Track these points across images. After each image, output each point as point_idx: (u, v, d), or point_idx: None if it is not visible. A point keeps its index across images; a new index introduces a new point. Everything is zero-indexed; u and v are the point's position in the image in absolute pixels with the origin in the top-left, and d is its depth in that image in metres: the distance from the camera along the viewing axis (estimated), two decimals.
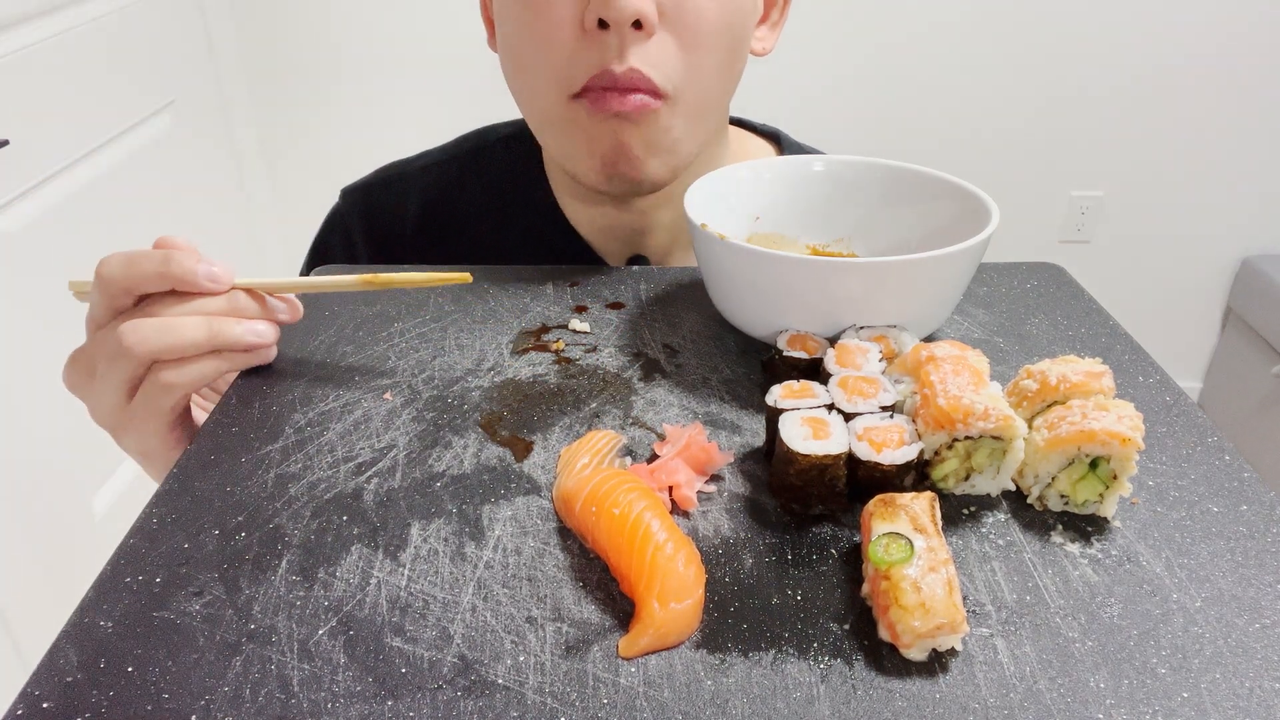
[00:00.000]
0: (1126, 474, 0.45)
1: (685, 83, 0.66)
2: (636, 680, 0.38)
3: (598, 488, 0.45)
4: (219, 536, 0.46)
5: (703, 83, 0.68)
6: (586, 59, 0.65)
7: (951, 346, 0.51)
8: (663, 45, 0.65)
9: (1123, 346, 0.62)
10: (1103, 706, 0.37)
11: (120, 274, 0.56)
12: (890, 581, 0.39)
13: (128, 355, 0.55)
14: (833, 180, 0.69)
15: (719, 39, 0.67)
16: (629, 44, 0.63)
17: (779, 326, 0.58)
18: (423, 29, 2.17)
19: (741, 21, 0.69)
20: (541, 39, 0.65)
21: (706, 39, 0.66)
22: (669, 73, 0.65)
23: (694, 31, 0.65)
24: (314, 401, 0.57)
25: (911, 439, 0.47)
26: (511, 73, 0.71)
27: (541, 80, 0.68)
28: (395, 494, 0.49)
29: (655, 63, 0.65)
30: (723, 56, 0.68)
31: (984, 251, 0.58)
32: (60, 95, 1.59)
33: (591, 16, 0.63)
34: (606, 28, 0.63)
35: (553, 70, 0.66)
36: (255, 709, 0.37)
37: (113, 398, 0.57)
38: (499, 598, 0.42)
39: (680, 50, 0.65)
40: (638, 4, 0.62)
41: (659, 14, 0.64)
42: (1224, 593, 0.42)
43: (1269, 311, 2.35)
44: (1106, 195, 2.40)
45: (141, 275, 0.56)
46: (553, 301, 0.68)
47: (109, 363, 0.56)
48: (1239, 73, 2.24)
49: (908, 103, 2.30)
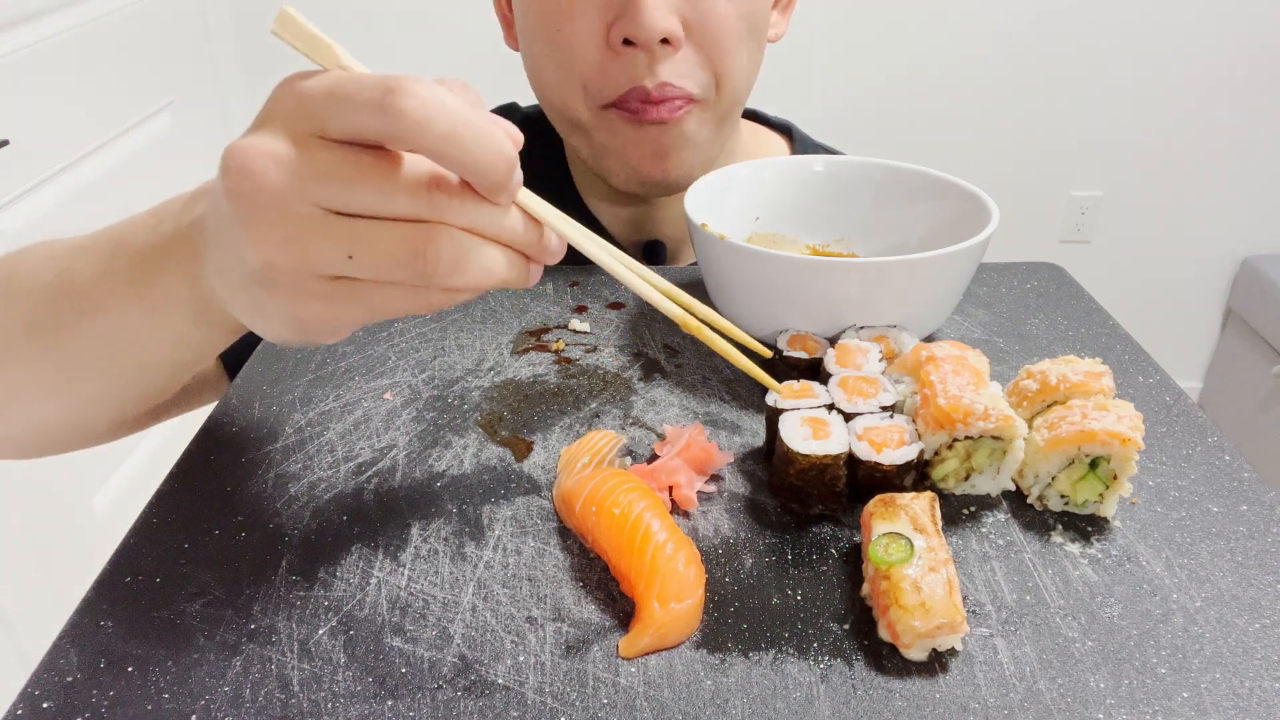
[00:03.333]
0: (1126, 474, 0.45)
1: (715, 87, 0.68)
2: (636, 680, 0.38)
3: (598, 488, 0.45)
4: (219, 536, 0.46)
5: (731, 84, 0.69)
6: (616, 75, 0.65)
7: (951, 346, 0.51)
8: (690, 55, 0.66)
9: (1123, 346, 0.62)
10: (1103, 706, 0.37)
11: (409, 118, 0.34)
12: (890, 581, 0.39)
13: (411, 266, 0.36)
14: (833, 180, 0.69)
15: (743, 42, 0.68)
16: (658, 60, 0.65)
17: (779, 326, 0.58)
18: (426, 28, 2.17)
19: (761, 18, 0.70)
20: (566, 55, 0.66)
21: (733, 44, 0.67)
22: (699, 79, 0.67)
23: (719, 39, 0.66)
24: (314, 401, 0.57)
25: (911, 439, 0.47)
26: (536, 81, 0.72)
27: (569, 93, 0.68)
28: (395, 494, 0.49)
29: (685, 73, 0.66)
30: (747, 56, 0.69)
31: (984, 251, 0.58)
32: (60, 95, 1.59)
33: (618, 35, 0.64)
34: (633, 44, 0.64)
35: (580, 83, 0.67)
36: (255, 709, 0.37)
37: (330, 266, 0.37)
38: (499, 598, 0.42)
39: (708, 58, 0.67)
40: (665, 23, 0.62)
41: (684, 26, 0.64)
42: (1224, 593, 0.42)
43: (1269, 311, 2.35)
44: (1106, 195, 2.40)
45: (418, 134, 0.34)
46: (553, 301, 0.68)
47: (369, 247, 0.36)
48: (1239, 73, 2.23)
49: (908, 103, 2.30)
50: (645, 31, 0.62)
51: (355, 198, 0.35)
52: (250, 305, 0.39)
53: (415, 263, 0.36)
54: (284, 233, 0.36)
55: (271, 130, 0.36)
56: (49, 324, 0.48)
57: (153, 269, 0.44)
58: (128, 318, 0.46)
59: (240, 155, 0.35)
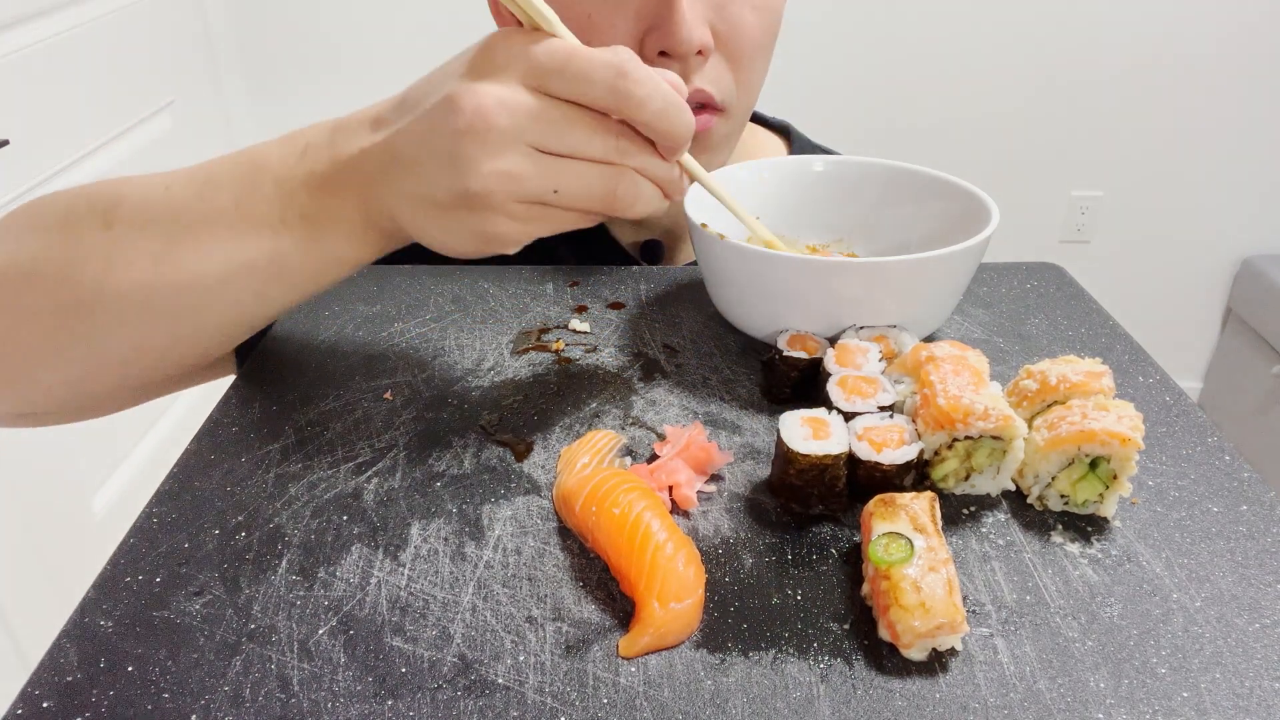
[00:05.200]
0: (1126, 474, 0.45)
1: (738, 94, 0.70)
2: (636, 680, 0.38)
3: (598, 488, 0.45)
4: (219, 536, 0.46)
5: (751, 91, 0.72)
6: None
7: (951, 346, 0.51)
8: (717, 64, 0.68)
9: (1123, 346, 0.62)
10: (1103, 706, 0.37)
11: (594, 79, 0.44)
12: (890, 581, 0.39)
13: (603, 199, 0.46)
14: (833, 180, 0.69)
15: (764, 50, 0.70)
16: (692, 70, 0.66)
17: (779, 326, 0.58)
18: (424, 30, 2.17)
19: (778, 26, 0.72)
20: None
21: (756, 53, 0.69)
22: (725, 87, 0.69)
23: (743, 49, 0.68)
24: (314, 401, 0.57)
25: (911, 439, 0.47)
26: None
27: None
28: (395, 494, 0.49)
29: (713, 80, 0.68)
30: (765, 64, 0.72)
31: (984, 251, 0.58)
32: (60, 95, 1.59)
33: (654, 47, 0.65)
34: (667, 55, 0.65)
35: None
36: (255, 709, 0.37)
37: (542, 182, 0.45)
38: (499, 597, 0.42)
39: (732, 67, 0.69)
40: (700, 36, 0.64)
41: (713, 36, 0.66)
42: (1224, 593, 0.42)
43: (1269, 311, 2.35)
44: (1106, 195, 2.40)
45: (613, 96, 0.44)
46: (553, 301, 0.68)
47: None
48: (1239, 72, 2.24)
49: (908, 103, 2.30)
50: (683, 45, 0.63)
51: (564, 141, 0.44)
52: (448, 224, 0.47)
53: (607, 198, 0.46)
54: (505, 167, 0.44)
55: (500, 81, 0.44)
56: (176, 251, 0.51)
57: (319, 188, 0.50)
58: (284, 237, 0.50)
59: (475, 96, 0.43)
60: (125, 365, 0.56)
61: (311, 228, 0.50)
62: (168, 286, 0.51)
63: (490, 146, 0.43)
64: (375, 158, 0.48)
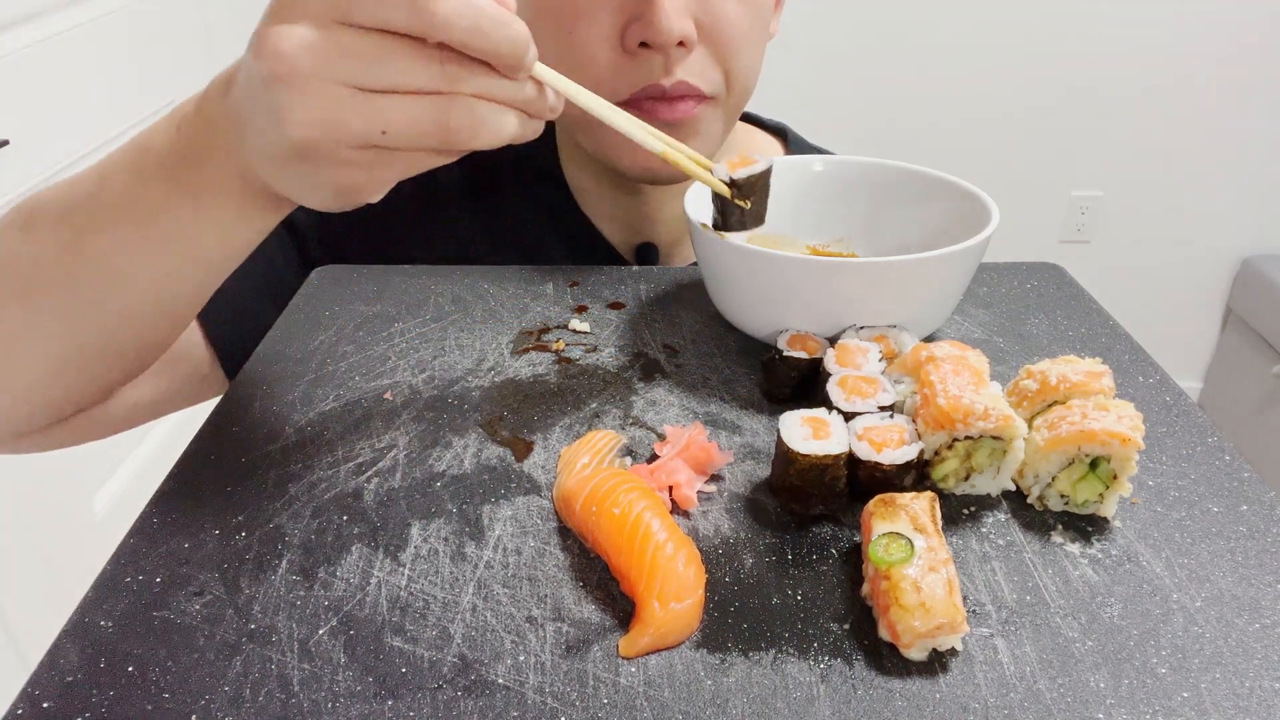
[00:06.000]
0: (1126, 474, 0.45)
1: (726, 85, 0.69)
2: (636, 680, 0.38)
3: (598, 488, 0.45)
4: (219, 536, 0.46)
5: (741, 81, 0.71)
6: (630, 76, 0.66)
7: (951, 346, 0.51)
8: (702, 55, 0.67)
9: (1123, 346, 0.62)
10: (1103, 706, 0.37)
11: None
12: (890, 581, 0.39)
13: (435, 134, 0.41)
14: (833, 180, 0.69)
15: (751, 40, 0.69)
16: (674, 61, 0.66)
17: (779, 326, 0.58)
18: None
19: (766, 16, 0.71)
20: (578, 57, 0.67)
21: (742, 44, 0.68)
22: (711, 78, 0.68)
23: (729, 39, 0.68)
24: (314, 401, 0.57)
25: (911, 439, 0.47)
26: None
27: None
28: (395, 494, 0.49)
29: (698, 72, 0.67)
30: (754, 55, 0.71)
31: (984, 251, 0.58)
32: (60, 95, 1.59)
33: (634, 38, 0.64)
34: (649, 46, 0.64)
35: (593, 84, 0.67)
36: (255, 709, 0.37)
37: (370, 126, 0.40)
38: (499, 598, 0.42)
39: (718, 58, 0.68)
40: (682, 27, 0.64)
41: (696, 27, 0.65)
42: (1224, 593, 0.42)
43: (1269, 311, 2.35)
44: (1106, 195, 2.40)
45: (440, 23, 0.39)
46: (553, 301, 0.68)
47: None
48: (1239, 73, 2.24)
49: (908, 103, 2.30)
50: (663, 36, 0.63)
51: (380, 75, 0.40)
52: (294, 179, 0.43)
53: (439, 132, 0.41)
54: (319, 111, 0.39)
55: (297, 18, 0.39)
56: (86, 242, 0.51)
57: (193, 160, 0.47)
58: (175, 214, 0.48)
59: (273, 39, 0.39)
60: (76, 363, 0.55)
61: (198, 203, 0.48)
62: (86, 275, 0.51)
63: (299, 92, 0.39)
64: (228, 122, 0.45)
